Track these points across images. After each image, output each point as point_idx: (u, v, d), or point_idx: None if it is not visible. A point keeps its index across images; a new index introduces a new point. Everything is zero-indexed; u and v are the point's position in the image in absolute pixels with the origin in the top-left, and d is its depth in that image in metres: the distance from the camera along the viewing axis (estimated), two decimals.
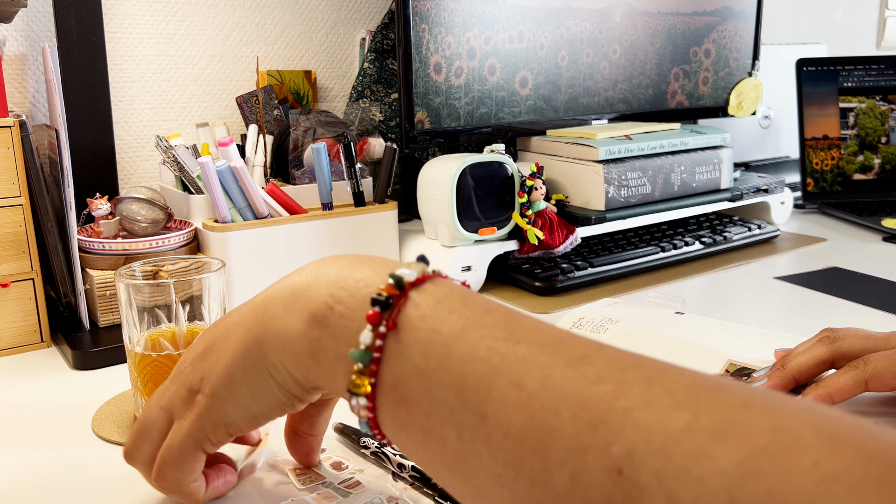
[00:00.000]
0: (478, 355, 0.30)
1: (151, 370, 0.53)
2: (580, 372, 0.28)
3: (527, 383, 0.29)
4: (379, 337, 0.33)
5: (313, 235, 0.80)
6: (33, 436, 0.54)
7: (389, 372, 0.32)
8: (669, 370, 0.29)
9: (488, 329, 0.31)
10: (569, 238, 0.88)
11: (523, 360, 0.30)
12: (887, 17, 1.82)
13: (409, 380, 0.32)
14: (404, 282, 0.34)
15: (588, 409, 0.27)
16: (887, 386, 0.50)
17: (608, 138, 0.96)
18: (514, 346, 0.30)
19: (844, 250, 1.02)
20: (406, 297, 0.33)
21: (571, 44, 1.01)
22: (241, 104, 0.98)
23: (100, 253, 0.72)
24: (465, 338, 0.31)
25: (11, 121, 0.67)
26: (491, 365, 0.30)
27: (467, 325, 0.32)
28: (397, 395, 0.32)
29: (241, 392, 0.38)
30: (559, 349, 0.30)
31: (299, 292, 0.37)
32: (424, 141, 0.92)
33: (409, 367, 0.32)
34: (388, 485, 0.46)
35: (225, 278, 0.56)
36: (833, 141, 1.30)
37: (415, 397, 0.31)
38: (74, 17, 0.84)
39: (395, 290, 0.33)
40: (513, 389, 0.29)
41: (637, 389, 0.27)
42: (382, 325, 0.33)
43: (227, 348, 0.39)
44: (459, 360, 0.31)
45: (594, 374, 0.28)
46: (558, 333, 0.31)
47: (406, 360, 0.32)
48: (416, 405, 0.31)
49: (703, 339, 0.65)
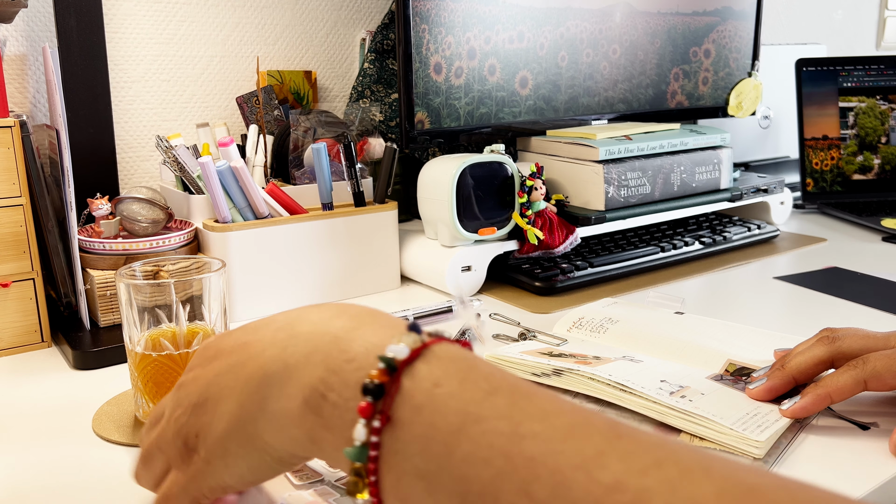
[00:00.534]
0: (481, 456, 0.28)
1: (152, 370, 0.53)
2: (595, 477, 0.26)
3: (535, 491, 0.27)
4: (374, 432, 0.30)
5: (313, 235, 0.80)
6: (34, 436, 0.54)
7: (389, 471, 0.30)
8: (695, 473, 0.26)
9: (491, 422, 0.29)
10: (569, 238, 0.88)
11: (531, 462, 0.27)
12: (887, 17, 1.82)
13: (410, 482, 0.29)
14: (395, 362, 0.31)
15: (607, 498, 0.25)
16: (887, 385, 0.50)
17: (608, 138, 0.96)
18: (520, 444, 0.28)
19: (844, 250, 1.02)
20: (398, 384, 0.30)
21: (571, 44, 1.01)
22: (241, 104, 0.98)
23: (100, 253, 0.72)
24: (466, 434, 0.29)
25: (12, 121, 0.67)
26: (496, 469, 0.27)
27: (468, 419, 0.29)
28: (399, 496, 0.30)
29: (237, 463, 0.36)
30: (571, 444, 0.27)
31: (291, 369, 0.34)
32: (424, 141, 0.92)
33: (409, 467, 0.29)
34: None
35: (225, 278, 0.56)
36: (833, 141, 1.30)
37: (417, 500, 0.29)
38: (75, 17, 0.84)
39: (386, 376, 0.30)
40: (521, 499, 0.27)
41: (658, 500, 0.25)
42: (376, 418, 0.30)
43: (222, 414, 0.36)
44: (462, 461, 0.28)
45: (611, 480, 0.26)
46: (570, 420, 0.28)
47: (405, 460, 0.29)
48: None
49: (703, 339, 0.65)
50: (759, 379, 0.56)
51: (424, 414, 0.30)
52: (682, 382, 0.56)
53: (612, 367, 0.58)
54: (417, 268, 0.88)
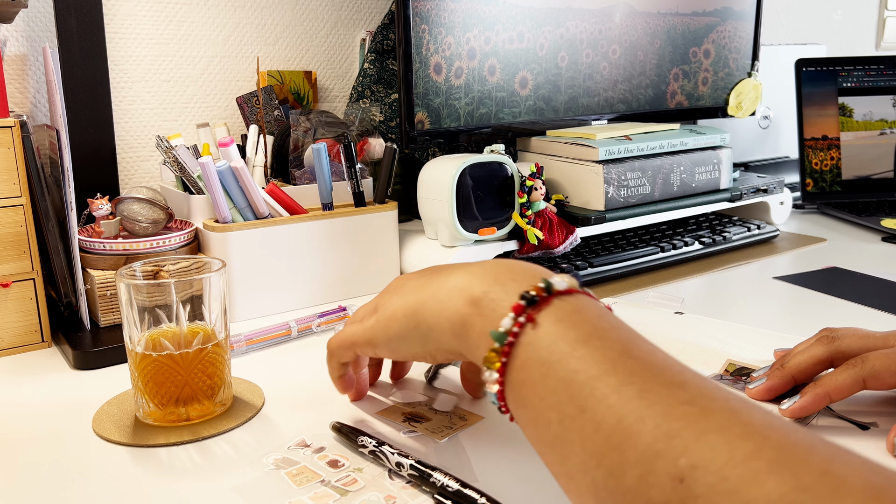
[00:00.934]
0: (593, 359, 0.35)
1: (152, 370, 0.53)
2: (674, 392, 0.32)
3: (625, 391, 0.33)
4: (517, 325, 0.38)
5: (314, 235, 0.80)
6: (34, 436, 0.54)
7: (518, 356, 0.38)
8: (754, 408, 0.31)
9: (608, 342, 0.36)
10: (568, 238, 0.88)
11: (629, 372, 0.34)
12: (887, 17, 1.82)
13: (532, 366, 0.37)
14: (553, 288, 0.39)
15: (670, 423, 0.31)
16: (885, 384, 0.50)
17: (608, 138, 0.96)
18: (626, 360, 0.35)
19: (844, 250, 1.02)
20: (550, 301, 0.39)
21: (571, 44, 1.01)
22: (241, 104, 0.98)
23: (100, 253, 0.72)
24: (586, 344, 0.36)
25: (12, 121, 0.67)
26: (601, 370, 0.34)
27: (591, 335, 0.36)
28: (520, 377, 0.37)
29: (395, 331, 0.48)
30: (664, 371, 0.34)
31: (465, 284, 0.43)
32: (424, 141, 0.92)
33: (535, 356, 0.37)
34: (385, 483, 0.47)
35: (225, 278, 0.56)
36: (832, 141, 1.30)
37: (533, 382, 0.37)
38: (75, 18, 0.84)
39: (542, 293, 0.39)
40: (612, 394, 0.33)
41: (718, 415, 0.31)
42: (523, 316, 0.38)
43: (404, 297, 0.47)
44: (576, 361, 0.35)
45: (686, 397, 0.32)
46: (669, 360, 0.35)
47: (533, 351, 0.37)
48: (533, 388, 0.37)
49: (702, 339, 0.65)
50: (758, 379, 0.56)
51: (560, 325, 0.37)
52: None
53: None
54: (417, 268, 0.88)
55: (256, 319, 0.77)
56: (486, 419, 0.55)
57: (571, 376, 0.35)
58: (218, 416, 0.56)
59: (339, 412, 0.57)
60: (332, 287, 0.82)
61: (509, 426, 0.54)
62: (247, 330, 0.71)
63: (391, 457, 0.47)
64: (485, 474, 0.48)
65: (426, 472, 0.45)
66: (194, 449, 0.52)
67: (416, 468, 0.46)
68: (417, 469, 0.46)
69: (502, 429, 0.54)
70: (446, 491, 0.44)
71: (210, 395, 0.55)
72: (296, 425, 0.55)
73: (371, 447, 0.49)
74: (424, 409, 0.57)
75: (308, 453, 0.50)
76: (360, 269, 0.84)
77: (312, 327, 0.73)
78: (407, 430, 0.53)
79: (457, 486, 0.44)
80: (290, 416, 0.56)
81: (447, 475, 0.45)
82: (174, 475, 0.48)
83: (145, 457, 0.51)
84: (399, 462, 0.47)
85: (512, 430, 0.53)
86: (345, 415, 0.56)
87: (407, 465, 0.46)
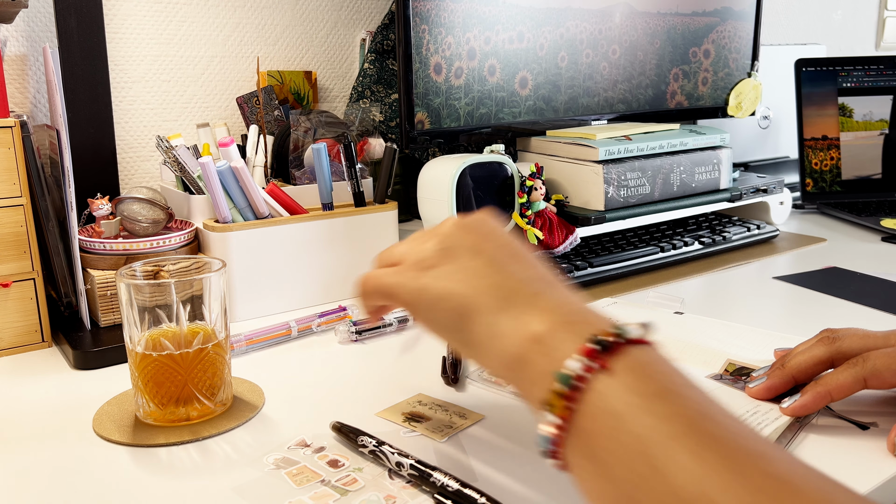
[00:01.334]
0: (670, 416, 0.33)
1: (152, 370, 0.53)
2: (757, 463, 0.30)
3: (706, 457, 0.31)
4: (587, 369, 0.35)
5: (314, 235, 0.80)
6: (34, 436, 0.54)
7: (587, 403, 0.35)
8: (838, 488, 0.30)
9: (685, 399, 0.34)
10: (568, 238, 0.88)
11: (709, 435, 0.32)
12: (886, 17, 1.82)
13: (603, 417, 0.34)
14: (627, 335, 0.36)
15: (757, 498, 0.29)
16: (886, 383, 0.50)
17: (608, 138, 0.96)
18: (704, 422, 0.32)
19: (843, 250, 1.02)
20: (624, 349, 0.36)
21: (571, 44, 1.01)
22: (241, 105, 0.98)
23: (101, 253, 0.72)
24: (662, 400, 0.33)
25: (12, 121, 0.67)
26: (679, 429, 0.32)
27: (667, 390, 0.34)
28: (589, 427, 0.34)
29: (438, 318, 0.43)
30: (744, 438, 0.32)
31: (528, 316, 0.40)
32: (424, 141, 0.92)
33: (606, 406, 0.34)
34: (385, 483, 0.47)
35: (225, 278, 0.56)
36: (832, 141, 1.30)
37: (603, 433, 0.34)
38: (75, 18, 0.84)
39: (616, 338, 0.36)
40: (692, 459, 0.31)
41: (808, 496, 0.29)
42: (594, 361, 0.35)
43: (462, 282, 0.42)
44: (652, 416, 0.33)
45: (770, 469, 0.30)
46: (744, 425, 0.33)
47: (605, 400, 0.34)
48: (602, 441, 0.34)
49: (702, 339, 0.65)
50: (758, 378, 0.56)
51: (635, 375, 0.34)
52: None
53: None
54: None
55: (256, 319, 0.77)
56: (486, 419, 0.55)
57: (646, 432, 0.33)
58: (218, 416, 0.56)
59: (339, 412, 0.57)
60: (332, 287, 0.83)
61: (509, 426, 0.54)
62: (247, 330, 0.71)
63: (391, 456, 0.47)
64: (485, 474, 0.48)
65: (426, 472, 0.45)
66: (194, 449, 0.52)
67: (416, 468, 0.46)
68: (417, 469, 0.46)
69: (502, 429, 0.54)
70: (446, 490, 0.44)
71: (210, 395, 0.55)
72: (296, 425, 0.55)
73: (371, 447, 0.49)
74: (424, 408, 0.57)
75: (308, 453, 0.50)
76: (360, 269, 0.84)
77: (312, 327, 0.73)
78: (407, 430, 0.53)
79: (457, 486, 0.44)
80: (290, 416, 0.56)
81: (447, 475, 0.45)
82: (174, 475, 0.48)
83: (145, 457, 0.51)
84: (399, 462, 0.47)
85: (512, 430, 0.54)
86: (345, 415, 0.56)
87: (407, 465, 0.46)
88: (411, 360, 0.67)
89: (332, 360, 0.67)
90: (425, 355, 0.67)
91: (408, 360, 0.67)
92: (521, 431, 0.53)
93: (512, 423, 0.55)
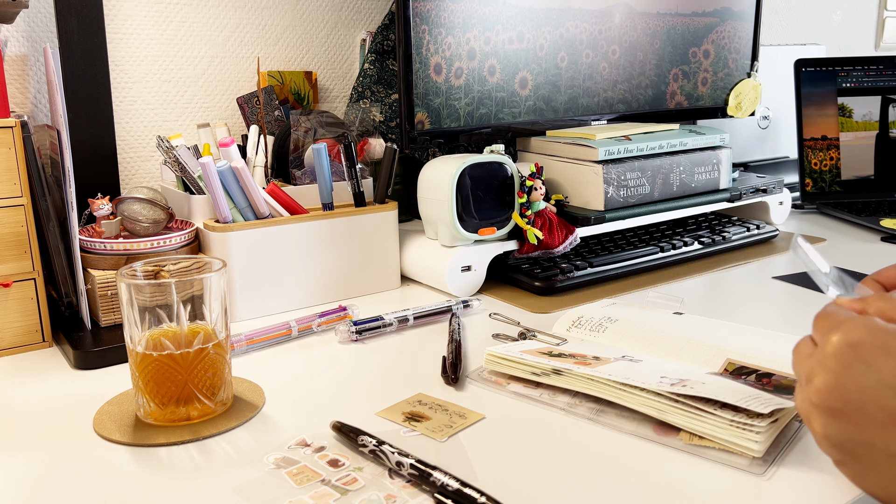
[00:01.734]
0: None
1: (153, 370, 0.53)
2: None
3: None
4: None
5: (314, 235, 0.80)
6: (35, 435, 0.54)
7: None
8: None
9: None
10: (568, 238, 0.88)
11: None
12: (886, 17, 1.82)
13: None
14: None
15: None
16: None
17: (607, 139, 0.96)
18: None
19: (843, 250, 1.03)
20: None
21: (571, 44, 1.01)
22: (242, 105, 0.98)
23: (101, 253, 0.72)
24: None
25: (13, 121, 0.68)
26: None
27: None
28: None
29: (829, 453, 0.42)
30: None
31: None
32: (424, 141, 0.92)
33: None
34: (385, 482, 0.47)
35: (226, 278, 0.56)
36: (832, 141, 1.31)
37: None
38: (76, 18, 0.84)
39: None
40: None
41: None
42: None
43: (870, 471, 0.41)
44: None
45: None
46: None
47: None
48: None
49: (702, 339, 0.65)
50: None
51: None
52: (683, 377, 0.56)
53: (612, 367, 0.58)
54: (417, 268, 0.88)
55: (256, 319, 0.77)
56: (486, 419, 0.55)
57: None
58: (218, 416, 0.56)
59: (340, 412, 0.57)
60: (332, 287, 0.83)
61: (509, 426, 0.54)
62: (247, 330, 0.71)
63: (391, 456, 0.48)
64: (485, 474, 0.48)
65: (426, 472, 0.46)
66: (195, 448, 0.52)
67: (416, 467, 0.46)
68: (417, 468, 0.46)
69: (502, 428, 0.54)
70: (446, 490, 0.44)
71: (210, 395, 0.55)
72: (296, 425, 0.55)
73: (371, 446, 0.49)
74: (424, 408, 0.57)
75: (308, 453, 0.51)
76: (360, 269, 0.85)
77: (312, 327, 0.73)
78: (407, 430, 0.53)
79: (457, 485, 0.44)
80: (290, 415, 0.57)
81: (447, 474, 0.45)
82: (174, 475, 0.49)
83: (146, 456, 0.51)
84: (399, 461, 0.47)
85: (512, 430, 0.54)
86: (345, 415, 0.56)
87: (407, 465, 0.46)
88: (411, 360, 0.67)
89: (333, 359, 0.68)
90: (425, 355, 0.67)
91: (408, 360, 0.67)
92: (521, 431, 0.54)
93: (512, 423, 0.55)
